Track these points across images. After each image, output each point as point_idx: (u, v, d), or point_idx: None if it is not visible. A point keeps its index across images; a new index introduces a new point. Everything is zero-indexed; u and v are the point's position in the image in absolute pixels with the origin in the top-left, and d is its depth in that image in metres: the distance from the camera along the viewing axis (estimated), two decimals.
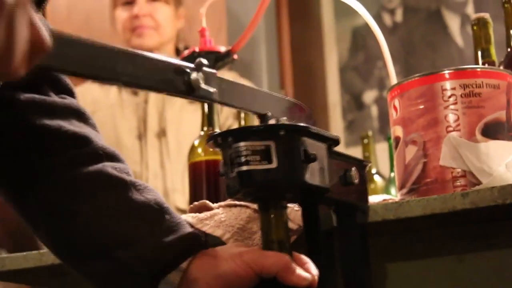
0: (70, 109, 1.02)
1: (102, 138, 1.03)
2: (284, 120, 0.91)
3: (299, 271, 0.89)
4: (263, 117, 0.94)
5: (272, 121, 0.93)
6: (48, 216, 0.98)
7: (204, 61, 0.88)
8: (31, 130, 0.99)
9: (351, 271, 1.03)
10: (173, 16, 2.71)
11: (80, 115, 1.03)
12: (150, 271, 0.93)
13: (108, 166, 0.98)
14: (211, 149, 1.47)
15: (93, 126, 1.03)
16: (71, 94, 1.05)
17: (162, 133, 2.58)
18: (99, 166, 0.98)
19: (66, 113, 1.01)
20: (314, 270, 0.91)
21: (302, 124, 0.91)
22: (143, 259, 0.93)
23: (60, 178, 0.97)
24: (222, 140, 0.91)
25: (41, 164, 0.98)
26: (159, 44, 2.68)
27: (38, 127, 0.99)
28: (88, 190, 0.96)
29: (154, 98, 2.61)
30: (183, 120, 2.57)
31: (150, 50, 2.67)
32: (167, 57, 0.88)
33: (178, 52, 2.74)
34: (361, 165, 1.03)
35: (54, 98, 1.02)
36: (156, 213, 0.96)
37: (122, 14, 2.69)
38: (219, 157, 1.47)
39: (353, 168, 0.99)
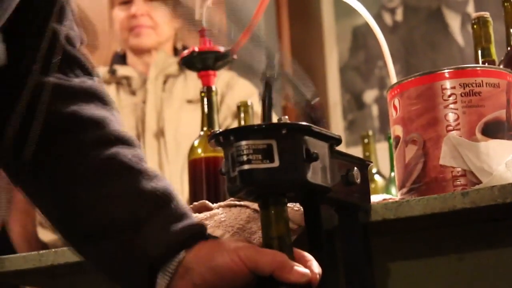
0: (89, 92, 1.02)
1: (121, 121, 1.03)
2: (286, 119, 0.91)
3: (297, 267, 0.89)
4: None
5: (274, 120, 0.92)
6: (56, 199, 0.98)
7: None
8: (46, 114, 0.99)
9: (353, 270, 1.03)
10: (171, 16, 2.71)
11: (100, 98, 1.03)
12: (149, 256, 0.93)
13: (120, 152, 0.98)
14: (211, 149, 1.48)
15: (113, 110, 1.03)
16: (94, 76, 1.05)
17: (160, 133, 2.58)
18: (111, 151, 0.98)
19: (84, 97, 1.01)
20: (316, 268, 0.91)
21: (304, 123, 0.91)
22: (143, 244, 0.93)
23: (69, 161, 0.98)
24: (224, 138, 0.91)
25: (53, 146, 0.99)
26: (157, 44, 2.67)
27: (51, 111, 0.99)
28: (97, 175, 0.97)
29: (152, 98, 2.61)
30: (182, 120, 2.57)
31: (148, 50, 2.67)
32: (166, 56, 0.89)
33: (176, 52, 2.73)
34: (363, 164, 1.03)
35: (72, 81, 1.02)
36: (163, 200, 0.96)
37: (119, 13, 2.69)
38: (219, 154, 1.47)
39: (355, 168, 0.99)
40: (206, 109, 1.52)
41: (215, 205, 1.16)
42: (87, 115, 0.99)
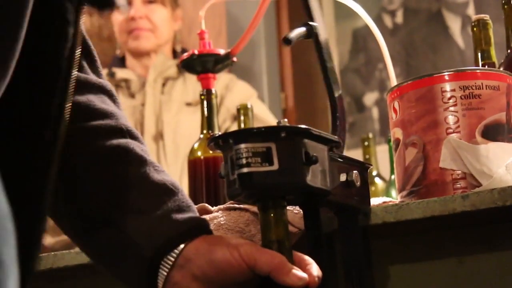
0: (102, 88, 1.03)
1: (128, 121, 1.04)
2: (285, 122, 0.91)
3: (295, 271, 0.89)
4: None
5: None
6: (63, 187, 0.98)
7: None
8: None
9: (353, 273, 1.03)
10: (169, 18, 2.71)
11: (111, 96, 1.04)
12: (151, 243, 0.93)
13: (130, 143, 0.99)
14: (211, 152, 1.47)
15: (121, 109, 1.04)
16: (102, 75, 1.06)
17: (159, 136, 2.58)
18: (123, 141, 0.99)
19: (97, 91, 1.02)
20: (316, 271, 0.91)
21: (303, 126, 0.91)
22: (146, 230, 0.94)
23: (79, 148, 0.98)
24: (223, 142, 0.91)
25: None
26: (156, 46, 2.67)
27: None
28: (108, 161, 0.98)
29: (151, 101, 2.61)
30: (180, 123, 2.57)
31: (147, 53, 2.67)
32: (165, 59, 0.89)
33: (175, 54, 2.73)
34: (363, 167, 1.03)
35: (89, 75, 1.03)
36: (170, 191, 0.97)
37: (118, 16, 2.69)
38: (219, 154, 1.47)
39: (355, 171, 0.99)
40: (206, 112, 1.52)
41: (214, 208, 1.16)
42: (98, 106, 1.00)
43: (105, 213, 0.97)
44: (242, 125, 1.60)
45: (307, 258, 0.93)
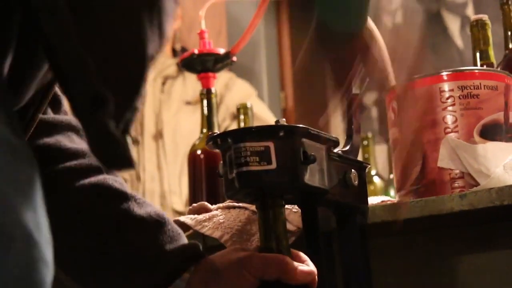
0: (69, 126, 1.01)
1: None
2: (283, 121, 0.91)
3: (301, 267, 0.90)
4: None
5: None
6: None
7: None
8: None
9: (351, 272, 1.03)
10: None
11: (78, 132, 1.02)
12: (151, 281, 0.93)
13: (108, 179, 0.98)
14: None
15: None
16: (66, 111, 1.05)
17: (158, 135, 2.58)
18: (100, 178, 0.98)
19: (65, 129, 1.01)
20: (312, 267, 0.91)
21: (301, 126, 0.91)
22: (142, 269, 0.94)
23: (59, 189, 0.97)
24: (222, 141, 0.91)
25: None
26: None
27: (38, 145, 0.98)
28: (89, 203, 0.97)
29: (150, 99, 2.61)
30: (180, 122, 2.57)
31: None
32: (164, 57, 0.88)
33: (174, 53, 2.73)
34: (361, 166, 1.03)
35: (53, 115, 1.01)
36: (157, 223, 0.96)
37: None
38: None
39: (353, 170, 0.99)
40: (205, 111, 1.52)
41: (214, 206, 1.16)
42: (69, 146, 0.99)
43: (96, 258, 0.96)
44: (242, 124, 1.61)
45: (302, 255, 0.93)
